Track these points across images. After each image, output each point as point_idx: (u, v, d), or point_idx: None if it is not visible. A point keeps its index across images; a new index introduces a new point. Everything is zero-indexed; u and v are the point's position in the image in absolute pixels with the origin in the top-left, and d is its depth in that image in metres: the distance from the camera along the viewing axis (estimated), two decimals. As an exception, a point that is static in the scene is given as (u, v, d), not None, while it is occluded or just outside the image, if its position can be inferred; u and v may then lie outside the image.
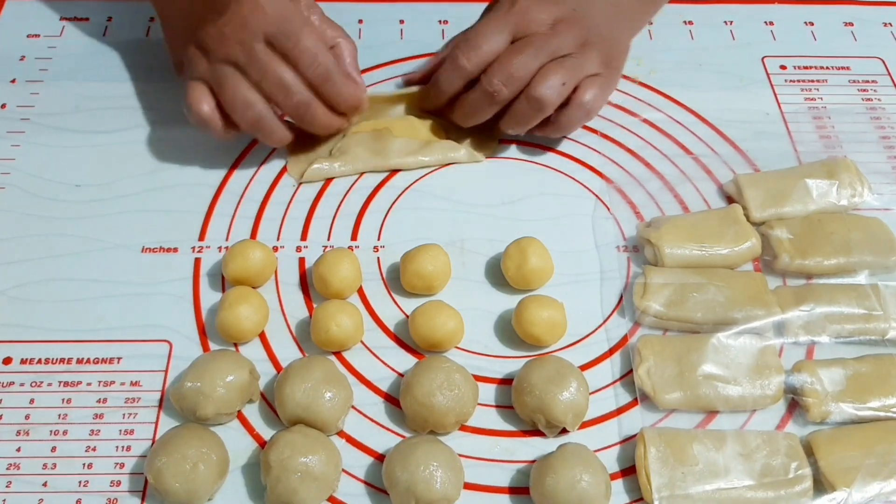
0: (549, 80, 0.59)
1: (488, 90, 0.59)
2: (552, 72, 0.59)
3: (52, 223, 0.60)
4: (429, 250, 0.56)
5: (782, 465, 0.49)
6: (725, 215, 0.60)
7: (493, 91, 0.59)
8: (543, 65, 0.59)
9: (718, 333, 0.54)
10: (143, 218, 0.61)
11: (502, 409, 0.53)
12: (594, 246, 0.60)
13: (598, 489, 0.47)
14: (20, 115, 0.66)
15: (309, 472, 0.47)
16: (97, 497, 0.48)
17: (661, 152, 0.66)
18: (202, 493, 0.47)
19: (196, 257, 0.59)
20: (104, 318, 0.56)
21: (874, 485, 0.48)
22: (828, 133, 0.68)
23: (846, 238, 0.58)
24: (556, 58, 0.60)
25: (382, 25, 0.74)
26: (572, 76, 0.60)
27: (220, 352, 0.53)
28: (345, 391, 0.51)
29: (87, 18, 0.74)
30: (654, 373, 0.53)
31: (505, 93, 0.59)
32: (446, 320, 0.53)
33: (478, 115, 0.62)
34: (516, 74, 0.59)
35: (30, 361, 0.53)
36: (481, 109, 0.61)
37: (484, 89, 0.60)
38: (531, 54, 0.59)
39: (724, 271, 0.58)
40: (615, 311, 0.57)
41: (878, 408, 0.52)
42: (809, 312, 0.55)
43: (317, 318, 0.53)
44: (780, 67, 0.73)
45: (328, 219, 0.62)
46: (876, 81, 0.72)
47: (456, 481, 0.48)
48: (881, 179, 0.64)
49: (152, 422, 0.51)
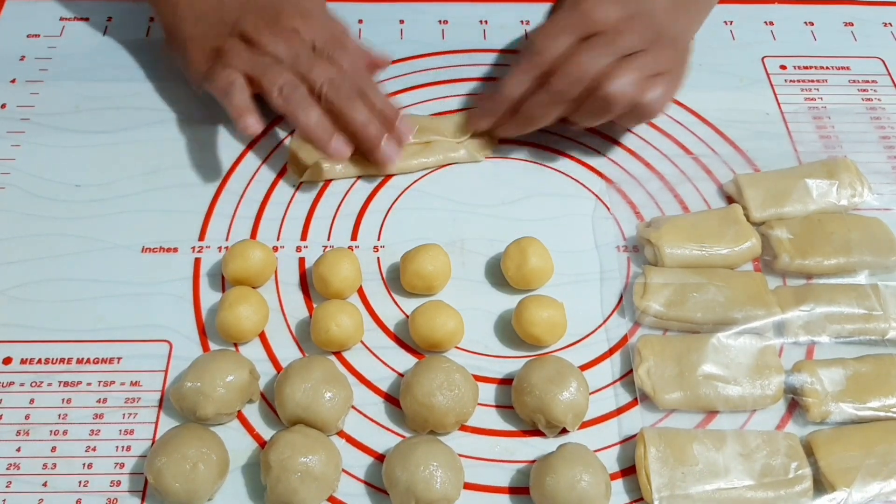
0: (620, 78, 0.57)
1: (557, 91, 0.59)
2: (623, 70, 0.58)
3: (52, 223, 0.60)
4: (429, 250, 0.56)
5: (782, 465, 0.49)
6: (725, 215, 0.60)
7: (563, 92, 0.59)
8: (611, 63, 0.58)
9: (718, 333, 0.54)
10: (143, 218, 0.61)
11: (502, 409, 0.53)
12: (594, 246, 0.60)
13: (598, 489, 0.47)
14: (20, 115, 0.66)
15: (309, 472, 0.47)
16: (97, 497, 0.49)
17: (661, 152, 0.66)
18: (202, 493, 0.47)
19: (196, 257, 0.59)
20: (104, 318, 0.56)
21: (874, 485, 0.48)
22: (828, 133, 0.68)
23: (846, 238, 0.58)
24: (625, 56, 0.58)
25: (382, 25, 0.74)
26: (641, 74, 0.58)
27: (220, 352, 0.53)
28: (345, 391, 0.51)
29: (87, 18, 0.74)
30: (654, 373, 0.53)
31: (574, 93, 0.58)
32: (446, 320, 0.53)
33: (544, 118, 0.61)
34: (585, 74, 0.58)
35: (30, 361, 0.53)
36: (549, 111, 0.60)
37: (552, 90, 0.59)
38: (599, 53, 0.58)
39: (724, 271, 0.58)
40: (615, 311, 0.57)
41: (878, 408, 0.52)
42: (809, 312, 0.55)
43: (317, 318, 0.53)
44: (780, 67, 0.73)
45: (328, 219, 0.62)
46: (876, 81, 0.72)
47: (456, 481, 0.48)
48: (881, 179, 0.64)
49: (152, 422, 0.51)
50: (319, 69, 0.60)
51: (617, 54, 0.58)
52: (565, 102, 0.59)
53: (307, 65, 0.60)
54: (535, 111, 0.61)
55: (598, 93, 0.58)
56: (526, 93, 0.61)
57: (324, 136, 0.59)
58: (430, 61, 0.72)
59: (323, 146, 0.59)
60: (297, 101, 0.59)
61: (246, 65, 0.60)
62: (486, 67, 0.72)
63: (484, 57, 0.72)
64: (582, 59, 0.58)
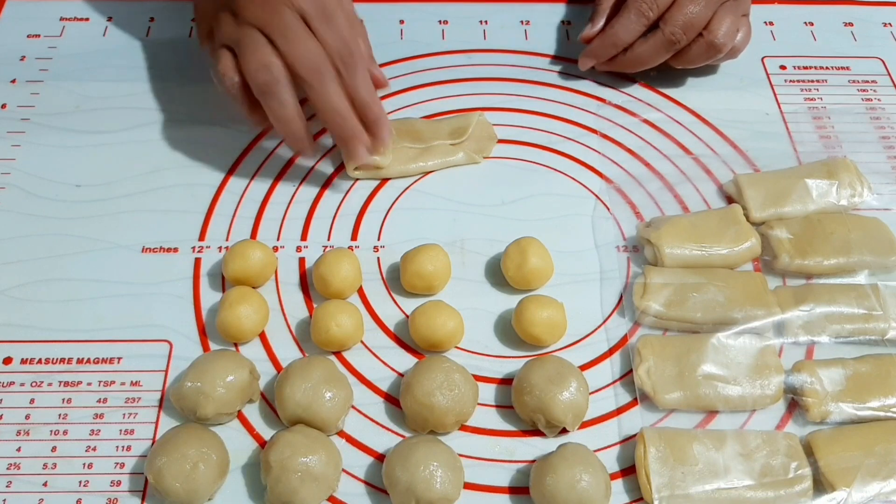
0: (726, 25, 0.64)
1: (669, 38, 0.64)
2: (726, 17, 0.64)
3: (52, 223, 0.60)
4: (429, 250, 0.56)
5: (782, 465, 0.49)
6: (725, 215, 0.60)
7: (675, 39, 0.64)
8: (716, 10, 0.64)
9: (718, 333, 0.54)
10: (143, 218, 0.61)
11: (502, 409, 0.53)
12: (594, 246, 0.60)
13: (598, 489, 0.47)
14: (20, 115, 0.66)
15: (309, 472, 0.47)
16: (97, 497, 0.49)
17: (661, 152, 0.66)
18: (202, 493, 0.47)
19: (196, 257, 0.59)
20: (104, 318, 0.56)
21: (874, 485, 0.48)
22: (828, 133, 0.68)
23: (846, 238, 0.58)
24: (723, 2, 0.64)
25: (382, 25, 0.74)
26: (735, 17, 0.65)
27: (220, 352, 0.53)
28: (345, 391, 0.51)
29: (87, 18, 0.74)
30: (654, 373, 0.53)
31: (685, 40, 0.64)
32: (446, 320, 0.53)
33: (653, 61, 0.66)
34: (696, 21, 0.64)
35: (30, 361, 0.53)
36: (658, 55, 0.66)
37: (664, 37, 0.64)
38: (706, 1, 0.63)
39: (723, 271, 0.58)
40: (615, 311, 0.57)
41: (878, 408, 0.52)
42: (809, 312, 0.55)
43: (317, 318, 0.53)
44: (780, 67, 0.73)
45: (328, 219, 0.62)
46: (876, 81, 0.72)
47: (456, 481, 0.48)
48: (881, 179, 0.64)
49: (152, 422, 0.51)
50: (304, 47, 0.56)
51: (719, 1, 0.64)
52: (676, 49, 0.65)
53: (292, 41, 0.56)
54: (645, 55, 0.66)
55: (707, 38, 0.64)
56: (637, 37, 0.66)
57: (295, 143, 0.59)
58: (430, 61, 0.72)
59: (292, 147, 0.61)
60: (275, 91, 0.56)
61: (230, 39, 0.58)
62: (487, 67, 0.72)
63: (484, 57, 0.72)
64: (690, 7, 0.63)
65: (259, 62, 0.56)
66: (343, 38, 0.57)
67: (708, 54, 0.66)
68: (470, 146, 0.65)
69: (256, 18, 0.57)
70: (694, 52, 0.66)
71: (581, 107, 0.69)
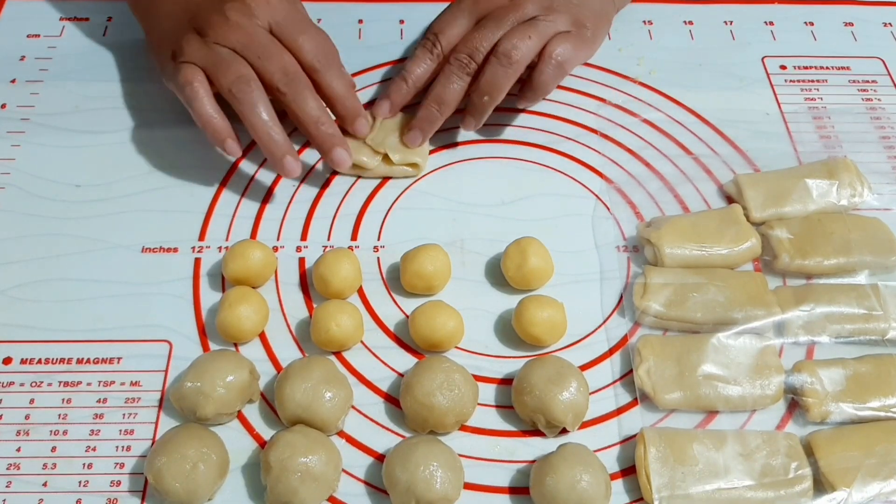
0: (515, 36, 0.60)
1: (458, 62, 0.61)
2: (517, 30, 0.61)
3: (52, 223, 0.60)
4: (429, 250, 0.56)
5: (782, 465, 0.49)
6: (725, 215, 0.60)
7: (464, 63, 0.61)
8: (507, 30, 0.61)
9: (718, 333, 0.54)
10: (143, 218, 0.61)
11: (502, 409, 0.53)
12: (594, 246, 0.60)
13: (598, 489, 0.47)
14: (20, 115, 0.66)
15: (309, 472, 0.47)
16: (97, 497, 0.49)
17: (661, 152, 0.66)
18: (202, 493, 0.47)
19: (196, 257, 0.59)
20: (104, 318, 0.56)
21: (874, 485, 0.48)
22: (828, 133, 0.68)
23: (846, 238, 0.58)
24: (522, 22, 0.62)
25: (382, 25, 0.74)
26: (538, 32, 0.61)
27: (220, 352, 0.53)
28: (345, 391, 0.51)
29: (87, 18, 0.74)
30: (654, 373, 0.53)
31: (473, 64, 0.61)
32: (446, 320, 0.53)
33: (452, 95, 0.62)
34: (481, 45, 0.61)
35: (30, 361, 0.53)
36: (455, 84, 0.62)
37: (454, 63, 0.61)
38: (494, 26, 0.61)
39: (723, 271, 0.58)
40: (615, 311, 0.57)
41: (878, 408, 0.52)
42: (809, 312, 0.55)
43: (317, 318, 0.53)
44: (780, 67, 0.73)
45: (328, 219, 0.62)
46: (876, 81, 0.72)
47: (456, 481, 0.48)
48: (881, 179, 0.64)
49: (152, 422, 0.51)
50: (274, 58, 0.58)
51: (512, 24, 0.61)
52: (469, 74, 0.62)
53: (262, 53, 0.58)
54: (442, 91, 0.62)
55: (496, 51, 0.60)
56: (430, 76, 0.63)
57: (276, 152, 0.58)
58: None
59: (273, 161, 0.59)
60: (250, 102, 0.57)
61: (200, 59, 0.58)
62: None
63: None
64: (475, 34, 0.61)
65: (234, 74, 0.57)
66: (316, 44, 0.60)
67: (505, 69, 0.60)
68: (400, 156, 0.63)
69: (226, 38, 0.58)
70: (492, 72, 0.60)
71: (581, 107, 0.69)
